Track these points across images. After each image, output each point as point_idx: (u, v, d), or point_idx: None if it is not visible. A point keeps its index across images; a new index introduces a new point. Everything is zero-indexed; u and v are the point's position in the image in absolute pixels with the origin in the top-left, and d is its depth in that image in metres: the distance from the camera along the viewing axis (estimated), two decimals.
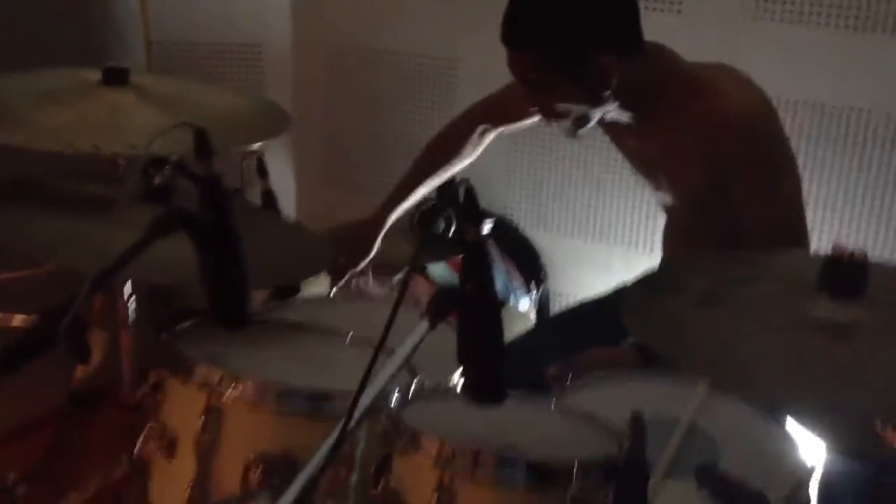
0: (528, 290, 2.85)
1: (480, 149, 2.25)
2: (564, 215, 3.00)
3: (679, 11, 2.54)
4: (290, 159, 3.41)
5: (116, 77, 1.95)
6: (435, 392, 1.53)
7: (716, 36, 2.48)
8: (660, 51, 1.85)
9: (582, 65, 1.76)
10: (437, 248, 2.66)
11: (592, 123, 1.89)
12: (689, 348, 1.08)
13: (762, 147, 1.80)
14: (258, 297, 1.89)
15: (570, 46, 1.75)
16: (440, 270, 2.70)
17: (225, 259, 1.35)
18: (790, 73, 2.46)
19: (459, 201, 2.80)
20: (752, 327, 1.09)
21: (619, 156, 2.75)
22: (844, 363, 1.00)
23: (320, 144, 3.36)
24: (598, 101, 1.82)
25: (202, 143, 1.35)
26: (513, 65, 1.82)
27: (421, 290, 2.63)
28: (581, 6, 1.76)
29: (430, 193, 2.85)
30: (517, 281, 2.82)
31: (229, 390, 1.42)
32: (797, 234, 1.85)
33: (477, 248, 1.29)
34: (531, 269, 2.96)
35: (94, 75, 1.94)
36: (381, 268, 2.60)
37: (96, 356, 1.79)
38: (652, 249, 2.86)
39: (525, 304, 2.81)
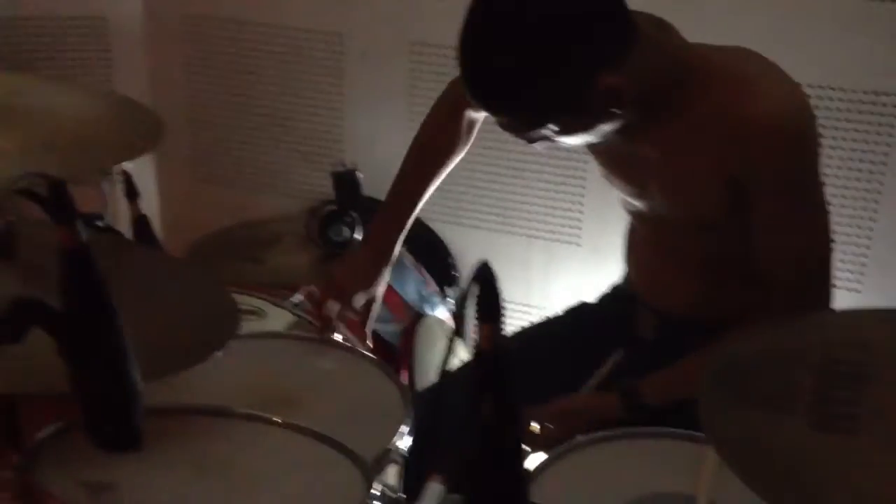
0: (444, 296, 2.50)
1: (472, 138, 1.87)
2: (476, 207, 2.65)
3: None
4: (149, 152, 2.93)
5: None
6: None
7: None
8: (666, 31, 1.46)
9: (588, 97, 1.38)
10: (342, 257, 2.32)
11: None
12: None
13: (801, 161, 1.43)
14: None
15: (568, 86, 1.37)
16: None
17: (101, 362, 0.96)
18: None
19: (358, 200, 2.44)
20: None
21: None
22: None
23: (183, 133, 2.89)
24: (613, 120, 1.45)
25: (60, 203, 0.93)
26: (500, 125, 1.46)
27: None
28: (561, 28, 1.34)
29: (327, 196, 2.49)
30: (431, 287, 2.47)
31: None
32: (822, 281, 1.51)
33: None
34: (443, 270, 2.61)
35: None
36: (276, 287, 2.20)
37: None
38: (578, 244, 2.56)
39: (443, 313, 2.46)
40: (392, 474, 1.44)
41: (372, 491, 1.18)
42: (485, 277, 0.82)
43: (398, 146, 2.64)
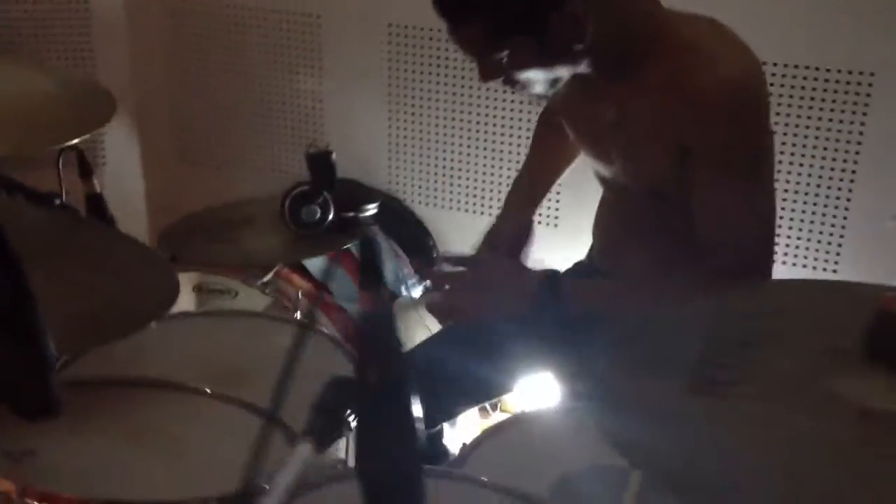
0: (423, 278, 2.50)
1: None
2: (454, 189, 2.65)
3: None
4: (134, 133, 2.94)
5: None
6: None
7: None
8: None
9: (546, 22, 1.37)
10: (314, 239, 2.33)
11: (563, 83, 1.50)
12: (687, 466, 0.72)
13: (747, 130, 1.42)
14: None
15: (527, 3, 1.37)
16: (320, 265, 2.32)
17: (12, 332, 0.97)
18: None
19: (333, 181, 2.43)
20: (766, 425, 0.75)
21: (514, 122, 2.49)
22: None
23: (166, 114, 2.90)
24: (571, 60, 1.44)
25: None
26: (458, 40, 1.43)
27: (296, 290, 2.24)
28: None
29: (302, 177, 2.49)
30: (408, 269, 2.47)
31: None
32: (762, 257, 1.48)
33: None
34: (422, 252, 2.61)
35: None
36: (248, 267, 2.21)
37: None
38: (556, 225, 2.55)
39: (419, 294, 2.46)
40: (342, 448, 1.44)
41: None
42: (368, 247, 0.83)
43: (377, 127, 2.66)
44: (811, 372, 0.81)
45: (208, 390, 1.32)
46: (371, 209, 2.35)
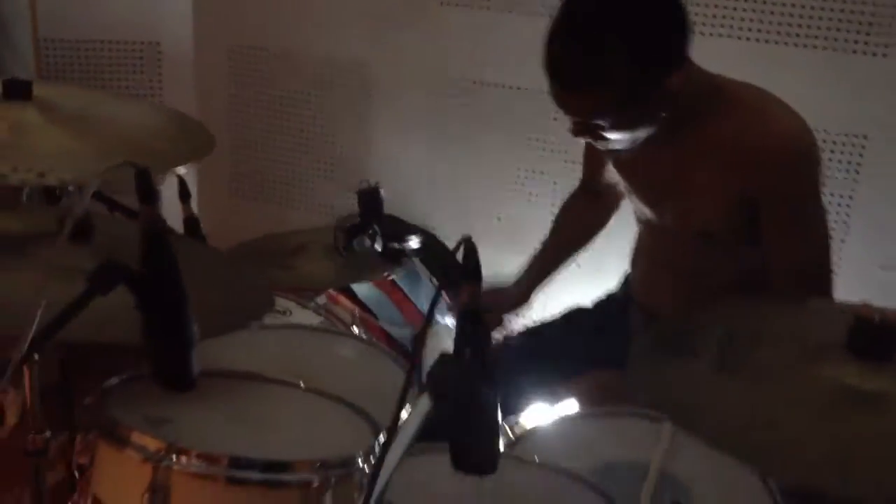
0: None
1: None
2: (491, 228, 2.90)
3: None
4: (192, 168, 3.20)
5: (18, 90, 1.73)
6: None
7: None
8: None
9: (655, 91, 1.54)
10: (363, 266, 2.58)
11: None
12: (708, 420, 0.98)
13: (806, 176, 1.63)
14: None
15: (644, 74, 1.51)
16: (366, 290, 2.57)
17: (170, 318, 1.20)
18: None
19: (382, 216, 2.69)
20: (773, 396, 1.01)
21: (551, 166, 2.73)
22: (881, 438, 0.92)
23: (225, 152, 3.17)
24: (657, 122, 1.61)
25: (146, 186, 1.18)
26: (563, 104, 1.56)
27: (345, 310, 2.49)
28: (647, 20, 1.50)
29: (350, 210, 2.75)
30: (443, 299, 2.71)
31: (175, 463, 1.26)
32: (825, 278, 1.72)
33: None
34: (454, 283, 2.84)
35: None
36: (303, 289, 2.45)
37: (10, 417, 1.59)
38: (598, 268, 2.78)
39: (451, 322, 2.69)
40: None
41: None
42: (468, 248, 1.06)
43: (418, 171, 2.92)
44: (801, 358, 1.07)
45: (301, 384, 1.55)
46: (414, 241, 2.60)
